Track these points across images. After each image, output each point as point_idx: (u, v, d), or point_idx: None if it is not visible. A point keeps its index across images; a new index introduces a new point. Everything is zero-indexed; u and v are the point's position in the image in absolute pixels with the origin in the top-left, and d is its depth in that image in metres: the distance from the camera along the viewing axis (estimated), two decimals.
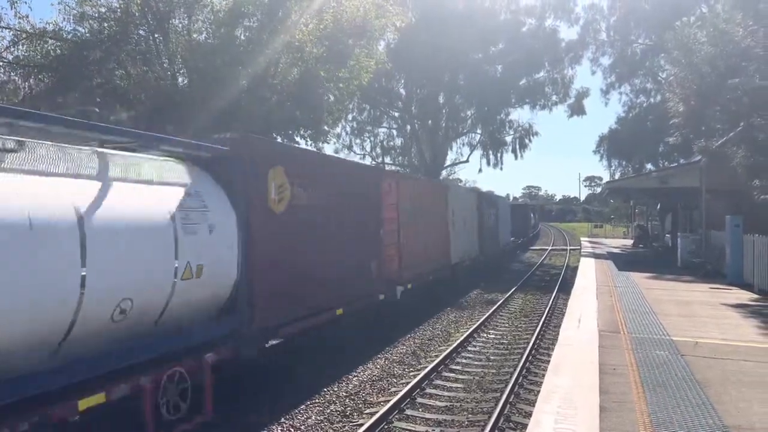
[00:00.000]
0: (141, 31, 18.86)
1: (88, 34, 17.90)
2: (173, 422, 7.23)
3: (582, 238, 56.70)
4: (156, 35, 18.79)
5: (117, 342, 6.55)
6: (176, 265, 7.23)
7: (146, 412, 6.75)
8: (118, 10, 18.13)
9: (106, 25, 18.01)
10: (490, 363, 12.10)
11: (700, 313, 13.07)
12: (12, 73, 18.02)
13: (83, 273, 5.89)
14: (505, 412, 8.86)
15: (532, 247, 52.00)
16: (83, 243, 5.92)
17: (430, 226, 19.15)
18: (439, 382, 10.71)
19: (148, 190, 7.19)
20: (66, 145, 6.40)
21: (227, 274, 8.32)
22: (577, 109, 43.76)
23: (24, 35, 17.68)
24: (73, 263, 5.84)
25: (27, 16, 17.66)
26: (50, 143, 6.22)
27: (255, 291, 8.75)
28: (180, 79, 19.28)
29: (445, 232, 21.24)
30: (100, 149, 6.94)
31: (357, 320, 13.24)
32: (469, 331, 14.65)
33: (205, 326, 8.08)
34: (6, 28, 17.59)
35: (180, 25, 19.31)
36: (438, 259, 20.04)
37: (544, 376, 8.71)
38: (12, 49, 17.85)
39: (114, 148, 7.27)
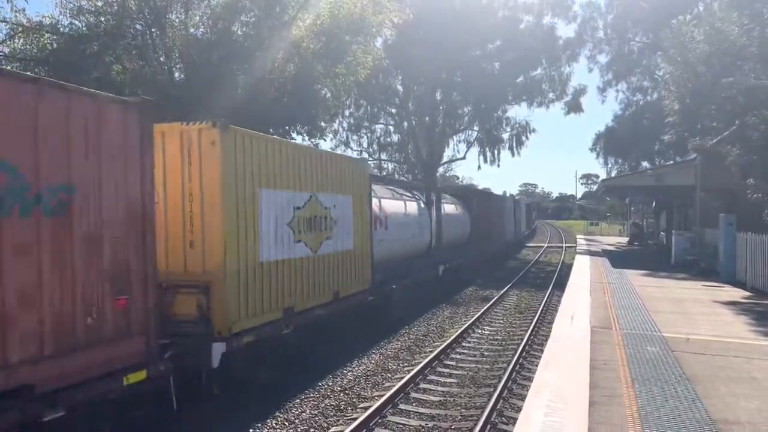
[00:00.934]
0: (138, 26, 18.81)
1: (84, 28, 17.85)
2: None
3: (578, 236, 56.86)
4: (153, 30, 18.75)
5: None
6: (466, 230, 25.23)
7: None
8: (115, 4, 18.07)
9: (102, 19, 17.94)
10: (484, 358, 12.19)
11: (692, 310, 13.17)
12: (8, 67, 17.97)
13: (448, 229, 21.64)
14: (498, 406, 8.94)
15: (528, 245, 52.10)
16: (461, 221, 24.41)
17: (499, 219, 34.70)
18: (433, 377, 10.79)
19: (454, 207, 23.97)
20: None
21: (467, 233, 25.23)
22: (574, 107, 43.78)
23: (20, 29, 17.63)
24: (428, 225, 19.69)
25: (23, 10, 17.62)
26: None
27: (471, 238, 25.49)
28: (177, 74, 19.24)
29: (503, 223, 36.54)
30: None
31: (493, 258, 31.10)
32: (464, 327, 14.74)
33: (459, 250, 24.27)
34: (2, 22, 17.56)
35: (177, 20, 19.26)
36: (501, 237, 35.71)
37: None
38: (8, 42, 17.81)
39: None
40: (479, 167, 72.44)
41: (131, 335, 6.57)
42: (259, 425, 8.29)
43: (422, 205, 19.10)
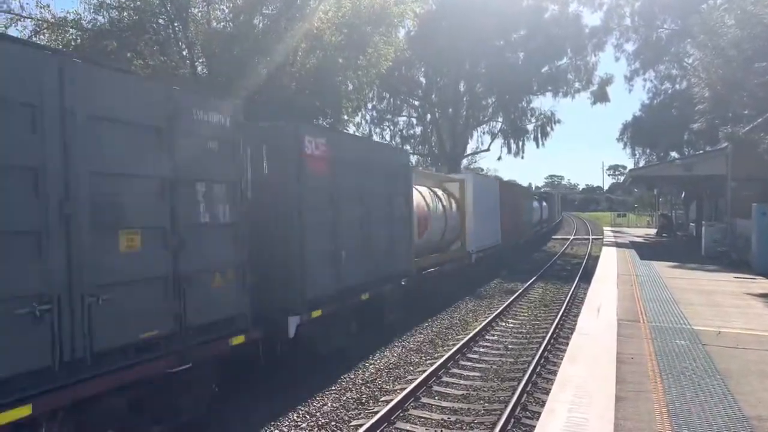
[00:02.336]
0: (160, 20, 18.92)
1: (107, 24, 18.02)
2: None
3: (605, 228, 56.06)
4: (175, 24, 18.84)
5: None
6: (546, 213, 53.92)
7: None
8: None
9: (125, 14, 18.11)
10: (508, 352, 12.02)
11: (723, 303, 12.82)
12: None
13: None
14: (522, 401, 8.79)
15: (554, 237, 51.56)
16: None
17: (554, 207, 65.39)
18: (455, 370, 10.66)
19: (545, 202, 53.37)
20: None
21: (547, 215, 55.14)
22: (601, 97, 43.06)
23: (45, 25, 17.87)
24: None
25: (48, 6, 17.89)
26: None
27: (548, 217, 57.30)
28: (199, 68, 19.33)
29: (555, 210, 65.33)
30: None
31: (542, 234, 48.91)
32: (488, 320, 14.57)
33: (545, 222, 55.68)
34: (28, 18, 17.81)
35: (199, 14, 19.34)
36: (555, 217, 66.41)
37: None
38: (34, 38, 18.03)
39: None
40: (500, 158, 72.14)
41: None
42: (281, 417, 8.25)
43: (536, 202, 44.20)
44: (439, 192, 19.07)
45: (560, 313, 15.27)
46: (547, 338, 12.49)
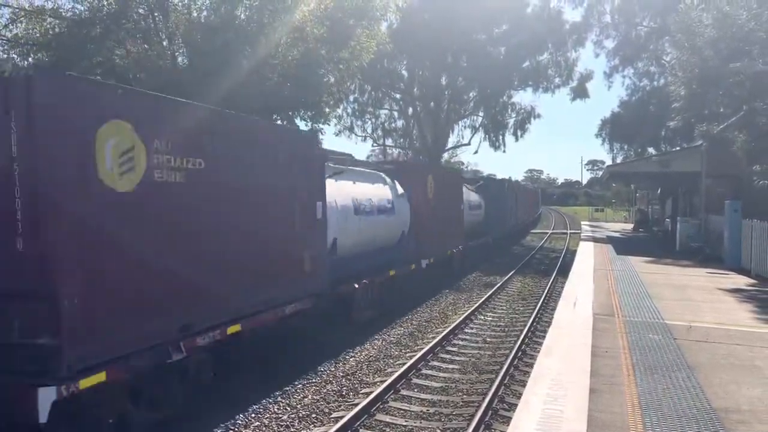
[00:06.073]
0: (141, 10, 18.70)
1: (87, 12, 17.76)
2: None
3: (583, 222, 56.73)
4: (156, 14, 18.64)
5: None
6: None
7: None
8: None
9: (105, 2, 17.85)
10: (487, 345, 12.21)
11: (696, 298, 13.14)
12: (11, 52, 17.94)
13: None
14: (499, 393, 8.96)
15: (532, 231, 52.05)
16: None
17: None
18: (435, 363, 10.81)
19: (535, 192, 70.15)
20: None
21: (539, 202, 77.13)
22: (580, 92, 43.47)
23: (23, 13, 17.58)
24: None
25: None
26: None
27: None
28: (180, 59, 19.16)
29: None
30: None
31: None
32: (467, 313, 14.75)
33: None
34: (5, 6, 17.51)
35: (180, 4, 19.16)
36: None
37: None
38: (11, 27, 17.73)
39: None
40: (476, 151, 72.35)
41: None
42: (261, 410, 8.33)
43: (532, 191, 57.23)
44: None
45: (538, 307, 15.51)
46: (525, 331, 12.71)
